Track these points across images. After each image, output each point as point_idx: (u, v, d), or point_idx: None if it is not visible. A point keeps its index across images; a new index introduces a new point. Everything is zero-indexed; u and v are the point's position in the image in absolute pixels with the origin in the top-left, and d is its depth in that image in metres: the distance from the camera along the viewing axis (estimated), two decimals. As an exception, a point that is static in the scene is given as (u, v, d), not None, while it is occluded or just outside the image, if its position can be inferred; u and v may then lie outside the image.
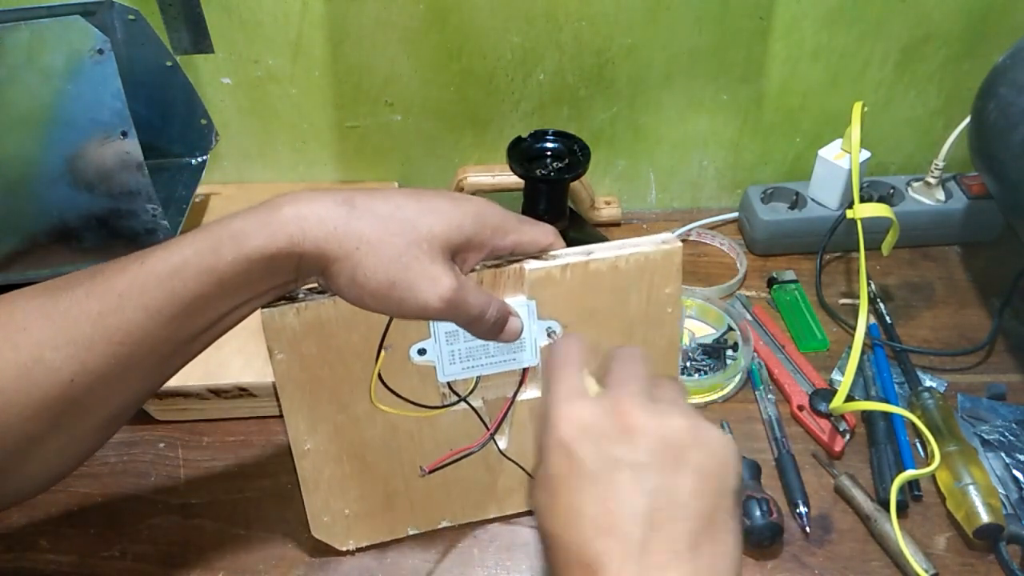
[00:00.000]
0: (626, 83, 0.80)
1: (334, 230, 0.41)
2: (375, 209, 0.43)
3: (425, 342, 0.49)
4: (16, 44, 0.60)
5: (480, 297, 0.45)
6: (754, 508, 0.55)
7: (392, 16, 0.74)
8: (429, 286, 0.42)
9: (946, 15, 0.77)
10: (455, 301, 0.43)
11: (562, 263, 0.48)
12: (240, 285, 0.42)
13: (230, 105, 0.80)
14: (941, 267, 0.80)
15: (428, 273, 0.43)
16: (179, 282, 0.41)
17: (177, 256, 0.41)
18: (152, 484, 0.62)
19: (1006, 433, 0.63)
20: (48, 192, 0.64)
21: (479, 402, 0.52)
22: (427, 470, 0.53)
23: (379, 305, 0.43)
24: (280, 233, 0.41)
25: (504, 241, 0.47)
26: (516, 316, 0.48)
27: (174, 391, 0.63)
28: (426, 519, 0.57)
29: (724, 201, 0.89)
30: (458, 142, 0.83)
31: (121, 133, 0.62)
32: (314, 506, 0.54)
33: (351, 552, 0.56)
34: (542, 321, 0.50)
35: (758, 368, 0.69)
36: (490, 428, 0.53)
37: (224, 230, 0.41)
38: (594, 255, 0.48)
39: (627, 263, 0.49)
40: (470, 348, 0.49)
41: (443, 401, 0.52)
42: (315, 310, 0.46)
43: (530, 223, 0.49)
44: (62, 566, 0.56)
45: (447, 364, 0.50)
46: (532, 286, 0.48)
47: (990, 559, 0.56)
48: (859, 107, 0.71)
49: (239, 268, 0.41)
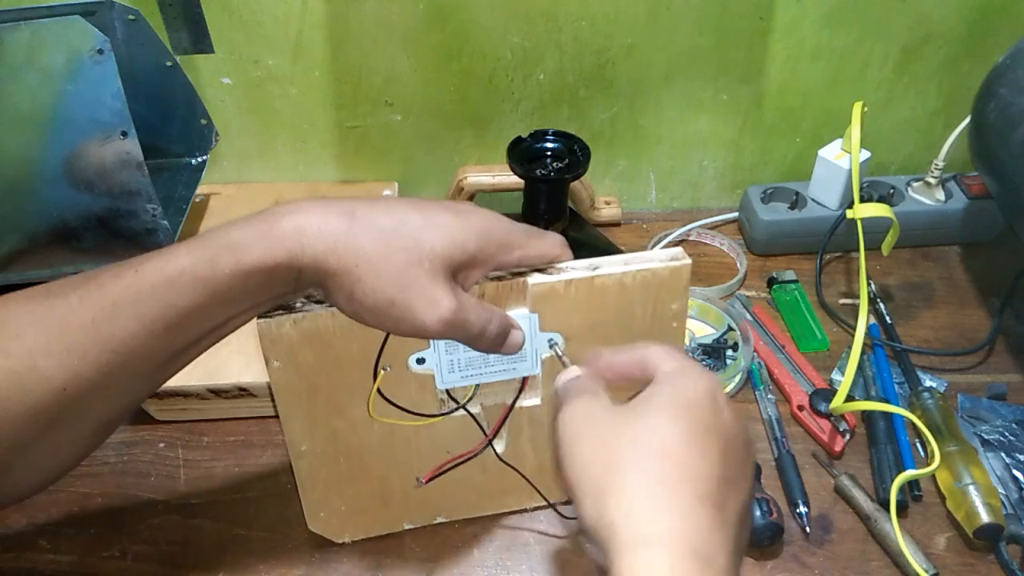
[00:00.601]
0: (626, 83, 0.80)
1: (334, 244, 0.41)
2: (377, 222, 0.42)
3: (424, 352, 0.48)
4: (16, 44, 0.60)
5: (481, 315, 0.44)
6: (754, 508, 0.55)
7: (392, 16, 0.74)
8: (428, 307, 0.42)
9: (946, 15, 0.77)
10: (454, 323, 0.42)
11: (566, 278, 0.47)
12: (237, 297, 0.41)
13: (230, 105, 0.80)
14: (941, 267, 0.80)
15: (427, 294, 0.42)
16: (174, 293, 0.40)
17: (173, 266, 0.40)
18: (152, 484, 0.62)
19: (1006, 433, 0.63)
20: (48, 192, 0.64)
21: (477, 408, 0.52)
22: (424, 480, 0.53)
23: (376, 322, 0.43)
24: (279, 247, 0.40)
25: (509, 257, 0.46)
26: (518, 329, 0.48)
27: (174, 391, 0.63)
28: (422, 516, 0.57)
29: (724, 201, 0.89)
30: (458, 142, 0.83)
31: (121, 133, 0.62)
32: (311, 503, 0.54)
33: (346, 544, 0.57)
34: (544, 333, 0.49)
35: (758, 368, 0.69)
36: (488, 434, 0.52)
37: (222, 241, 0.40)
38: (600, 270, 0.47)
39: (634, 279, 0.48)
40: (470, 358, 0.49)
41: (441, 408, 0.51)
42: (312, 321, 0.45)
43: (538, 236, 0.47)
44: (62, 566, 0.56)
45: (446, 373, 0.49)
46: (535, 300, 0.47)
47: (990, 559, 0.56)
48: (859, 107, 0.71)
49: (236, 281, 0.40)
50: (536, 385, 0.52)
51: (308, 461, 0.52)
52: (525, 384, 0.52)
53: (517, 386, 0.52)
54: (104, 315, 0.40)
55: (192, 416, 0.66)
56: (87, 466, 0.63)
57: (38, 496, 0.60)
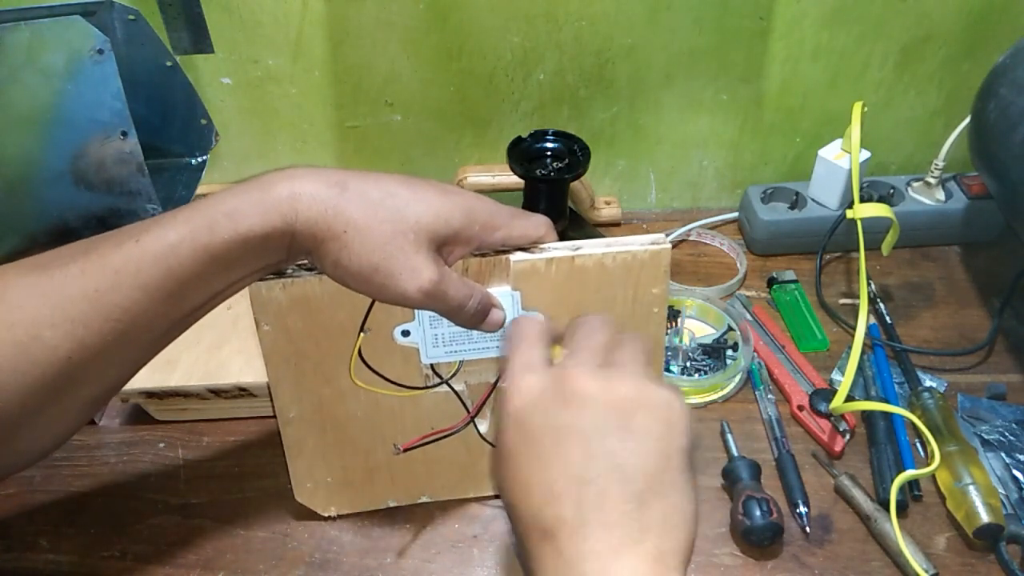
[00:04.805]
0: (626, 83, 0.80)
1: (325, 211, 0.42)
2: (366, 193, 0.43)
3: (409, 324, 0.50)
4: (16, 44, 0.60)
5: (461, 289, 0.46)
6: (754, 508, 0.55)
7: (392, 16, 0.74)
8: (410, 276, 0.43)
9: (946, 15, 0.77)
10: (434, 293, 0.44)
11: (547, 256, 0.48)
12: (234, 263, 0.42)
13: (230, 105, 0.80)
14: (941, 267, 0.80)
15: (410, 263, 0.43)
16: (175, 260, 0.41)
17: (173, 234, 0.41)
18: (152, 484, 0.62)
19: (1006, 433, 0.63)
20: (48, 192, 0.64)
21: (461, 386, 0.53)
22: (402, 448, 0.53)
23: (361, 287, 0.44)
24: (274, 212, 0.41)
25: (492, 237, 0.48)
26: (499, 308, 0.49)
27: (174, 391, 0.63)
28: (406, 493, 0.58)
29: (724, 201, 0.89)
30: (458, 142, 0.83)
31: (121, 133, 0.62)
32: (298, 471, 0.55)
33: (333, 518, 0.58)
34: (526, 312, 0.50)
35: (758, 368, 0.69)
36: (471, 412, 0.53)
37: (219, 208, 0.41)
38: (581, 251, 0.49)
39: (614, 261, 0.49)
40: (453, 333, 0.50)
41: (426, 383, 0.53)
42: (301, 287, 0.47)
43: (522, 216, 0.49)
44: (62, 566, 0.56)
45: (430, 347, 0.51)
46: (517, 277, 0.49)
47: (990, 559, 0.56)
48: (859, 107, 0.71)
49: (234, 247, 0.41)
50: None
51: (296, 427, 0.53)
52: None
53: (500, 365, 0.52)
54: (107, 284, 0.40)
55: (192, 416, 0.66)
56: (87, 466, 0.63)
57: (38, 496, 0.61)
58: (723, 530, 0.58)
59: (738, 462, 0.60)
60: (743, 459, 0.60)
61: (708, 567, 0.56)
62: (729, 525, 0.58)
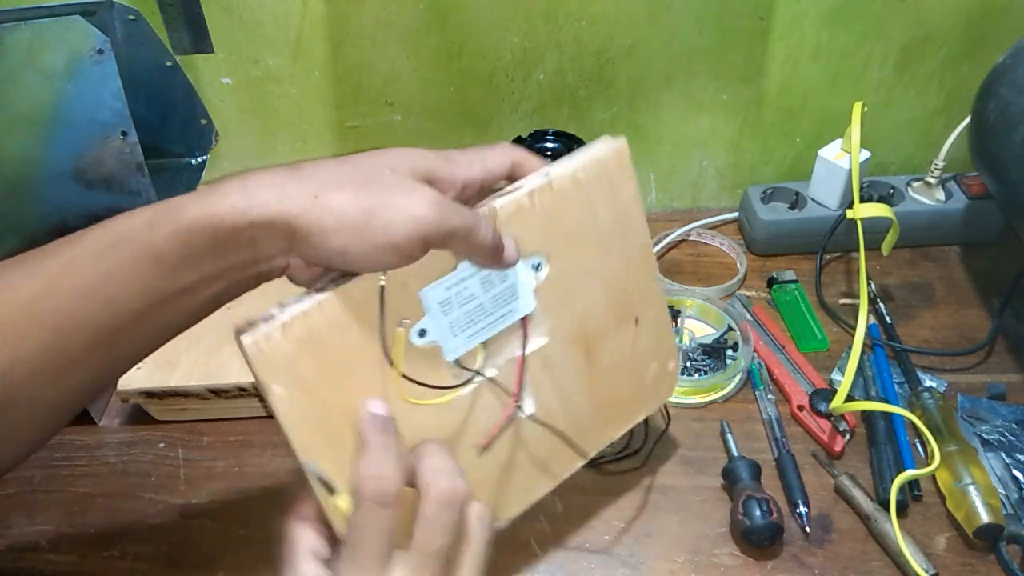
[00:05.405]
0: (626, 83, 0.80)
1: (283, 189, 0.37)
2: (322, 165, 0.40)
3: (422, 322, 0.46)
4: (16, 44, 0.60)
5: (466, 210, 0.41)
6: (754, 508, 0.55)
7: (392, 16, 0.74)
8: (413, 199, 0.38)
9: (946, 15, 0.77)
10: (444, 206, 0.39)
11: (527, 190, 0.48)
12: (181, 263, 0.37)
13: (230, 105, 0.80)
14: (941, 267, 0.80)
15: (404, 187, 0.39)
16: (113, 262, 0.37)
17: (110, 233, 0.37)
18: (152, 484, 0.62)
19: (1006, 433, 0.63)
20: (48, 192, 0.64)
21: (493, 371, 0.50)
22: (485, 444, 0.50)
23: (363, 243, 0.38)
24: (221, 202, 0.37)
25: (471, 170, 0.44)
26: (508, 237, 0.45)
27: (174, 391, 0.63)
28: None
29: (724, 201, 0.89)
30: (458, 142, 0.83)
31: (121, 133, 0.62)
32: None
33: None
34: (526, 260, 0.49)
35: (758, 368, 0.69)
36: (515, 392, 0.51)
37: (162, 204, 0.37)
38: (552, 173, 0.48)
39: (586, 173, 0.49)
40: (467, 312, 0.48)
41: (459, 380, 0.49)
42: (302, 322, 0.40)
43: (489, 147, 0.46)
44: (62, 566, 0.56)
45: (450, 338, 0.48)
46: (507, 222, 0.47)
47: (990, 559, 0.56)
48: (859, 107, 0.71)
49: (178, 242, 0.37)
50: (536, 322, 0.51)
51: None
52: (526, 327, 0.51)
53: (521, 333, 0.51)
54: (41, 291, 0.37)
55: (192, 416, 0.66)
56: (87, 466, 0.63)
57: (38, 496, 0.61)
58: (723, 530, 0.58)
59: (738, 462, 0.60)
60: (743, 459, 0.60)
61: (708, 567, 0.56)
62: (729, 525, 0.58)
